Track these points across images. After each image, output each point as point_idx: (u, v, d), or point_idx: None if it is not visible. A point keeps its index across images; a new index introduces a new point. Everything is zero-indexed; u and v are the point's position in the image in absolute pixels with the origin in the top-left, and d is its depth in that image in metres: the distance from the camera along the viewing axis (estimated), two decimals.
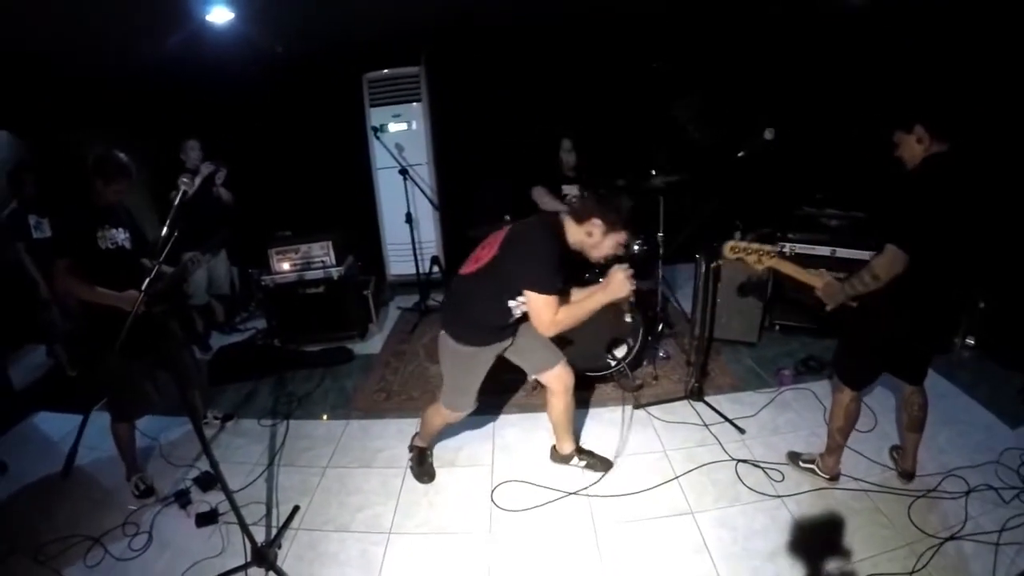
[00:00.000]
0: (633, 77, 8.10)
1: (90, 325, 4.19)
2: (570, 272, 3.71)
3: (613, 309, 5.28)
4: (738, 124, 5.63)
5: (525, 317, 3.71)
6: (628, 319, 4.92)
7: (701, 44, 7.69)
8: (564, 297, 3.63)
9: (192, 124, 7.01)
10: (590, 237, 3.53)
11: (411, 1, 6.24)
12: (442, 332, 3.94)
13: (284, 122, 8.48)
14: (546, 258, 3.42)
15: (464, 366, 3.95)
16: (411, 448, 4.64)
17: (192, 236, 3.70)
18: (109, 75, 7.21)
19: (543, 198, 6.61)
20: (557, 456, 4.64)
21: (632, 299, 3.77)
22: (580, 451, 4.60)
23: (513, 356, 4.17)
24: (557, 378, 4.17)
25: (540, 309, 3.44)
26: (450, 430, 4.79)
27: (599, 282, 3.71)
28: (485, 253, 3.69)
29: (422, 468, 4.55)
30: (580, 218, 3.53)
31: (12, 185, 6.12)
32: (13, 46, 5.48)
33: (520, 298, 3.56)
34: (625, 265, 3.52)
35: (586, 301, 3.54)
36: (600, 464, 4.55)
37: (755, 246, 3.86)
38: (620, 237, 3.57)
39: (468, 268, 3.80)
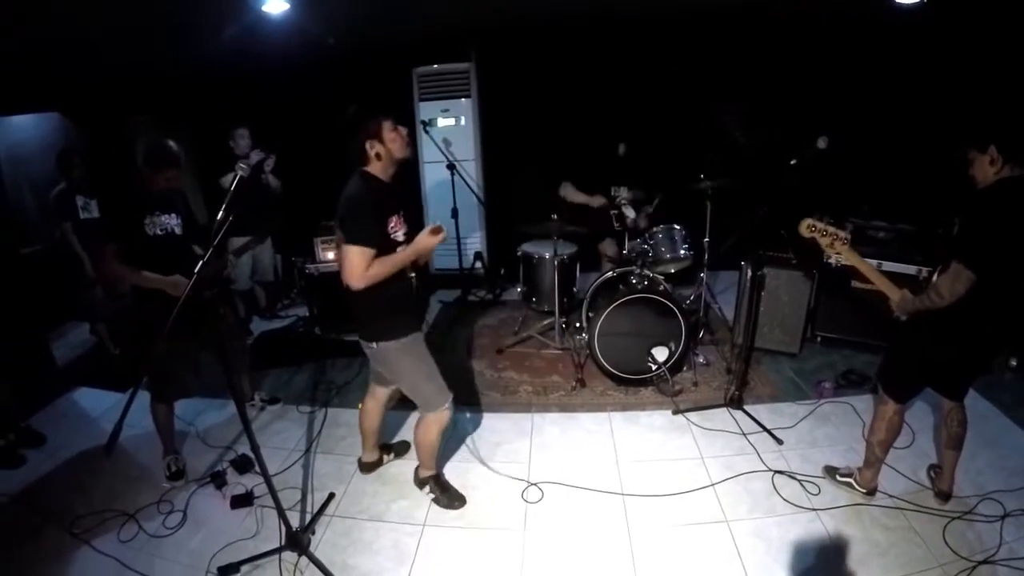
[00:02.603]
0: (685, 80, 8.07)
1: (138, 306, 4.31)
2: None
3: (655, 312, 5.32)
4: (790, 130, 5.60)
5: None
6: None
7: (756, 49, 7.65)
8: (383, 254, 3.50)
9: (242, 112, 7.13)
10: (372, 153, 3.59)
11: None
12: (373, 345, 3.78)
13: (333, 112, 8.49)
14: (358, 206, 3.44)
15: (414, 358, 3.87)
16: (421, 483, 4.36)
17: (240, 222, 3.76)
18: (161, 61, 7.30)
19: (571, 193, 6.66)
20: (366, 467, 4.70)
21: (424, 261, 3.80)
22: (385, 448, 4.77)
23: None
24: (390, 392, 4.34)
25: (353, 260, 3.36)
26: (489, 427, 4.89)
27: None
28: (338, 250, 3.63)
29: (449, 493, 4.28)
30: (359, 153, 3.62)
31: (61, 166, 6.28)
32: (68, 32, 5.56)
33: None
34: (435, 224, 3.59)
35: (395, 256, 3.53)
36: (402, 448, 4.86)
37: (832, 228, 3.83)
38: (388, 125, 3.63)
39: (343, 278, 3.54)
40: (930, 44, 6.69)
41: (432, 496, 4.27)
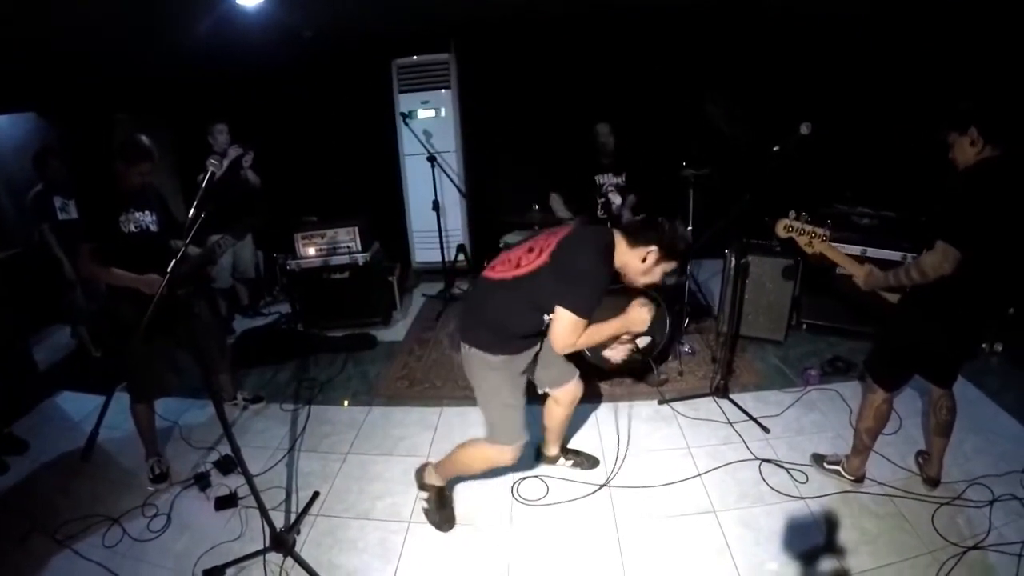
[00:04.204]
0: (667, 69, 8.05)
1: (115, 305, 4.27)
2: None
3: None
4: (773, 119, 5.58)
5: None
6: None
7: (737, 38, 7.64)
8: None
9: (220, 107, 7.07)
10: (643, 262, 3.25)
11: None
12: (467, 348, 3.51)
13: (312, 106, 8.50)
14: (596, 284, 3.14)
15: (503, 378, 3.51)
16: (423, 486, 4.04)
17: (219, 219, 3.72)
18: (137, 58, 7.21)
19: (558, 206, 6.67)
20: (545, 459, 4.53)
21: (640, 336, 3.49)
22: (566, 451, 4.54)
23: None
24: (569, 392, 4.01)
25: (567, 330, 3.16)
26: (474, 421, 4.80)
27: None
28: (531, 258, 3.29)
29: (443, 513, 3.99)
30: (636, 241, 3.24)
31: (37, 167, 6.19)
32: (41, 29, 5.50)
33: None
34: (645, 300, 3.45)
35: (603, 328, 3.37)
36: (587, 462, 4.50)
37: (808, 227, 3.86)
38: (670, 267, 3.34)
39: (504, 272, 3.38)
40: (911, 30, 6.69)
41: (425, 506, 4.03)
